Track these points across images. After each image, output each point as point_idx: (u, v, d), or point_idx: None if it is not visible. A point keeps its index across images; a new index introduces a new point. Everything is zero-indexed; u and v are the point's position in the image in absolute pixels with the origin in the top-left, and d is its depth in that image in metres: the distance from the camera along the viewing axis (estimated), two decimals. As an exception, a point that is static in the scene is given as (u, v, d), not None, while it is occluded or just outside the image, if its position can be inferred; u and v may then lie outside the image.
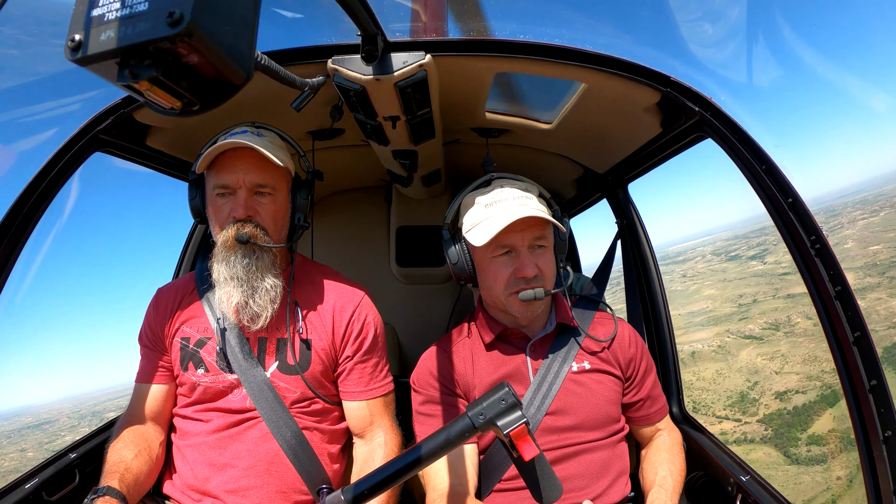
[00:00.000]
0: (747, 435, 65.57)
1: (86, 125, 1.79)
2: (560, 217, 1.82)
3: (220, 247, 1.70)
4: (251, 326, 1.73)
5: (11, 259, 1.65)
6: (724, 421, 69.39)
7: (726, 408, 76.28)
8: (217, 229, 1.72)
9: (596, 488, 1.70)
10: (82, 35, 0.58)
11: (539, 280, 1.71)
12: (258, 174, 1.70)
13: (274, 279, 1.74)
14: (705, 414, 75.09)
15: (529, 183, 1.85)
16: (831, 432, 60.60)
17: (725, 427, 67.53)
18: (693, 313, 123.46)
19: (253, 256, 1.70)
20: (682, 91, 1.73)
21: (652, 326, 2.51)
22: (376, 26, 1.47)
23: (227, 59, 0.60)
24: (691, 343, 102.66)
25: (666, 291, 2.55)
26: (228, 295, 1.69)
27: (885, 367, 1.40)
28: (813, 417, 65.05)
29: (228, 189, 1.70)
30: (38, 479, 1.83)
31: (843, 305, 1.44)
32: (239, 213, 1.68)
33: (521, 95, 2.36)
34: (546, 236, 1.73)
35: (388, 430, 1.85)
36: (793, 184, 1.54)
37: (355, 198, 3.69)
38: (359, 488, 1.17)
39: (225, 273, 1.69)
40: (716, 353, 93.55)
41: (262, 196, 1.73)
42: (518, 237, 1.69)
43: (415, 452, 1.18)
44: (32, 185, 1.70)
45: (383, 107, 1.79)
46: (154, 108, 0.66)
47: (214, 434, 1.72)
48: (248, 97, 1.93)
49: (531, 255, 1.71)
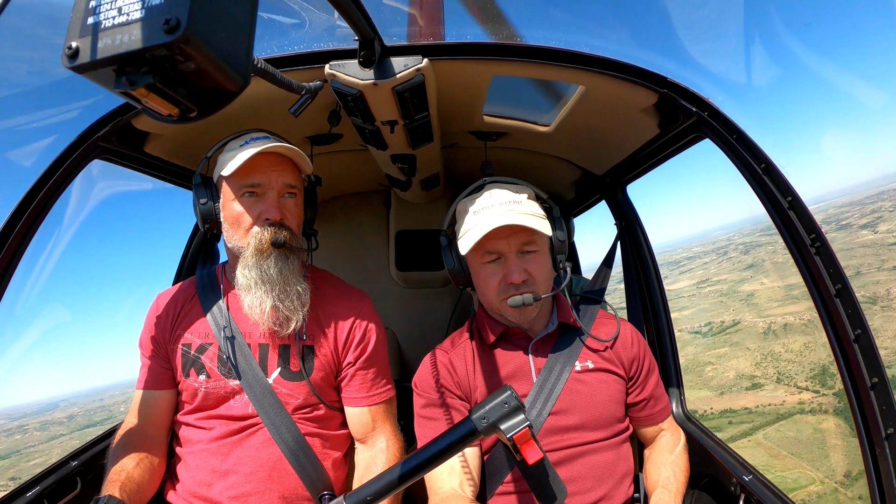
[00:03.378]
0: (822, 406, 66.77)
1: (84, 132, 1.78)
2: (559, 218, 1.82)
3: (253, 250, 1.66)
4: (281, 331, 1.72)
5: (11, 266, 1.65)
6: (802, 392, 70.17)
7: (807, 380, 77.78)
8: (241, 232, 1.69)
9: (601, 490, 1.70)
10: (79, 43, 0.58)
11: (529, 285, 1.71)
12: (290, 175, 1.71)
13: (304, 283, 1.75)
14: (787, 385, 76.88)
15: (523, 185, 1.84)
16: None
17: (803, 398, 68.63)
18: (791, 286, 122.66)
19: (286, 261, 1.69)
20: (679, 92, 1.73)
21: (652, 327, 2.51)
22: (373, 31, 1.48)
23: (224, 65, 0.60)
24: (784, 315, 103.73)
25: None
26: (260, 300, 1.67)
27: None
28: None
29: (259, 189, 1.67)
30: (40, 487, 1.83)
31: (844, 303, 1.44)
32: (274, 216, 1.66)
33: (519, 98, 2.36)
34: (535, 241, 1.72)
35: (390, 435, 1.85)
36: (791, 183, 1.54)
37: (354, 202, 3.69)
38: (360, 494, 1.17)
39: (256, 277, 1.66)
40: (805, 327, 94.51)
41: (288, 197, 1.72)
42: (504, 244, 1.70)
43: (417, 458, 1.17)
44: (31, 193, 1.70)
45: (381, 111, 1.79)
46: (152, 115, 0.66)
47: (216, 441, 1.71)
48: (246, 103, 1.93)
49: (521, 261, 1.71)
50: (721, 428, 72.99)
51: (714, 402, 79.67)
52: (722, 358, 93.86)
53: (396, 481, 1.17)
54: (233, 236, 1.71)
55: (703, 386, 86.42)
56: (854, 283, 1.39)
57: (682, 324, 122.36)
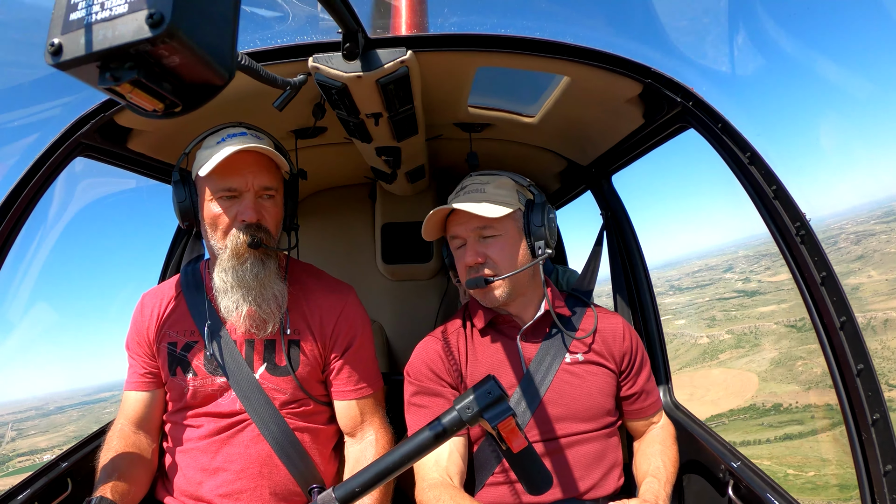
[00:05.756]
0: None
1: (66, 130, 1.76)
2: (541, 204, 1.80)
3: (230, 253, 1.65)
4: (259, 333, 1.72)
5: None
6: (892, 390, 70.76)
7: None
8: (219, 234, 1.67)
9: (589, 479, 1.72)
10: (62, 39, 0.57)
11: (487, 267, 1.75)
12: (266, 177, 1.69)
13: (281, 284, 1.74)
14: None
15: (499, 175, 1.86)
16: None
17: (892, 395, 68.84)
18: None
19: (263, 265, 1.68)
20: (663, 82, 1.74)
21: (639, 316, 2.53)
22: (357, 23, 1.47)
23: (209, 59, 0.60)
24: (886, 311, 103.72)
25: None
26: (236, 304, 1.67)
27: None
28: None
29: (235, 192, 1.65)
30: (31, 490, 1.81)
31: (829, 291, 1.47)
32: (250, 217, 1.64)
33: (504, 90, 2.37)
34: (494, 226, 1.75)
35: (379, 428, 1.85)
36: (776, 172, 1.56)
37: (340, 196, 3.68)
38: (349, 486, 1.17)
39: (232, 281, 1.65)
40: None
41: (266, 199, 1.71)
42: (462, 229, 1.78)
43: (404, 448, 1.18)
44: (14, 192, 1.68)
45: (365, 104, 1.78)
46: (136, 110, 0.66)
47: (205, 439, 1.71)
48: (230, 97, 1.91)
49: (480, 245, 1.76)
50: (803, 421, 73.92)
51: (800, 396, 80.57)
52: (812, 353, 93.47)
53: (384, 472, 1.18)
54: (212, 237, 1.69)
55: (791, 380, 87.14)
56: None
57: (779, 317, 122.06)
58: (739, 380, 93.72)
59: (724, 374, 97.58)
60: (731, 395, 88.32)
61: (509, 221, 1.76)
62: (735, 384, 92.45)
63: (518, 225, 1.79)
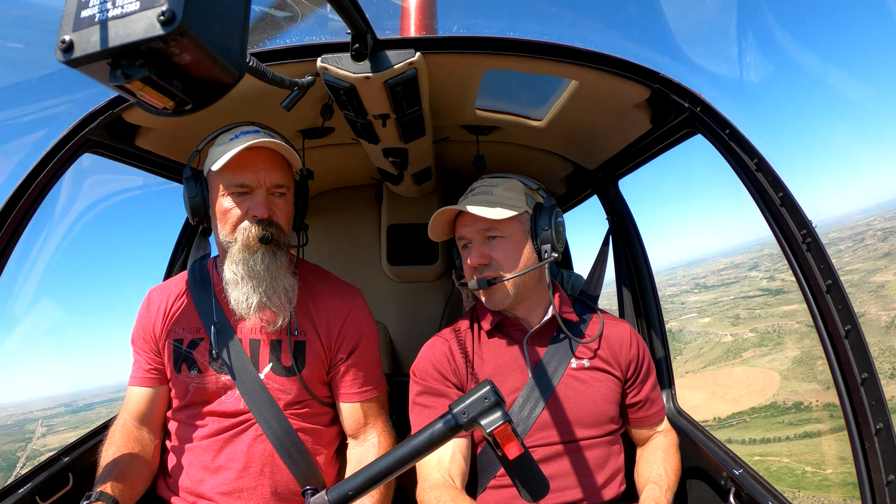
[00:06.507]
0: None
1: (75, 126, 1.77)
2: (549, 207, 1.80)
3: (240, 246, 1.65)
4: (268, 327, 1.72)
5: (2, 261, 1.64)
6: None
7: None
8: (230, 228, 1.67)
9: (591, 485, 1.71)
10: (73, 36, 0.58)
11: (490, 269, 1.76)
12: (278, 174, 1.69)
13: (291, 279, 1.74)
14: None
15: (509, 177, 1.87)
16: None
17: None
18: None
19: (274, 257, 1.68)
20: (671, 87, 1.73)
21: (644, 322, 2.52)
22: (366, 24, 1.47)
23: (219, 57, 0.60)
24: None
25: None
26: (246, 296, 1.66)
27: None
28: None
29: (247, 188, 1.66)
30: (32, 484, 1.82)
31: (834, 299, 1.45)
32: (262, 213, 1.65)
33: (512, 92, 2.37)
34: (499, 227, 1.76)
35: (382, 430, 1.85)
36: (783, 179, 1.55)
37: (346, 196, 3.68)
38: (343, 489, 1.17)
39: (243, 272, 1.65)
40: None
41: (278, 197, 1.71)
42: (468, 230, 1.80)
43: (399, 451, 1.17)
44: (22, 187, 1.69)
45: (373, 105, 1.79)
46: (146, 108, 0.66)
47: (208, 437, 1.71)
48: (238, 95, 1.92)
49: (484, 246, 1.77)
50: (822, 420, 73.32)
51: (820, 395, 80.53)
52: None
53: (378, 475, 1.17)
54: (221, 231, 1.69)
55: (812, 379, 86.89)
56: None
57: (802, 316, 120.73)
58: (762, 378, 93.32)
59: (747, 372, 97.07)
60: (753, 393, 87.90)
61: (515, 224, 1.77)
62: (757, 382, 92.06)
63: (525, 228, 1.79)
